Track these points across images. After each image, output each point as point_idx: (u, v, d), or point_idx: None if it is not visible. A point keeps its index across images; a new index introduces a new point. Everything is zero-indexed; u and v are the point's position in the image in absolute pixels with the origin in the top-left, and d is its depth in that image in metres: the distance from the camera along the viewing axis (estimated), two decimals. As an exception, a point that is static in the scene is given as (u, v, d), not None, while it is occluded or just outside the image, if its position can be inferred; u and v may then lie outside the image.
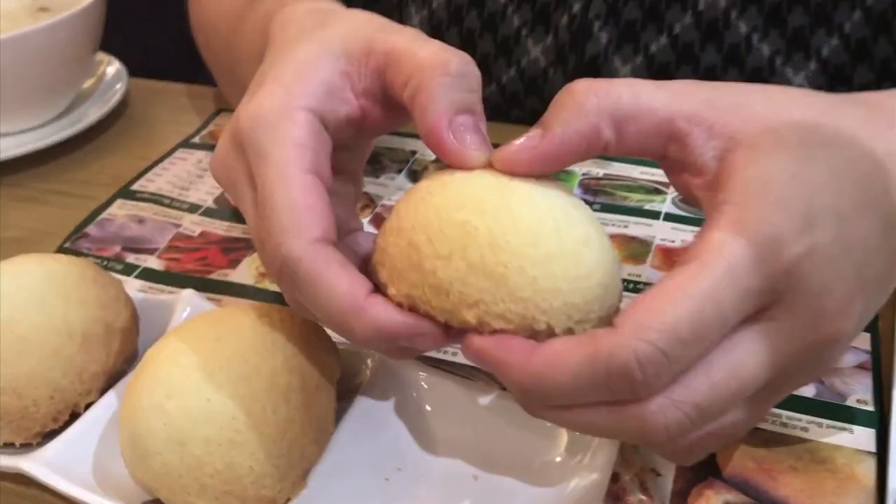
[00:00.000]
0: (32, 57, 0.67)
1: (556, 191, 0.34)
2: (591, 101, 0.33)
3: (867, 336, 0.46)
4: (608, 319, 0.34)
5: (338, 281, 0.33)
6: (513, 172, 0.34)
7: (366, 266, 0.36)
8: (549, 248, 0.32)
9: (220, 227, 0.61)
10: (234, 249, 0.58)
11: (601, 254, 0.34)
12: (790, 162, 0.32)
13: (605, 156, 0.49)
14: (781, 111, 0.34)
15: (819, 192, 0.32)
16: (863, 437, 0.41)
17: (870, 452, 0.40)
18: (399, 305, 0.34)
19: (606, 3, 0.65)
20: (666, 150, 0.34)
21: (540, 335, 0.32)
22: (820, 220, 0.31)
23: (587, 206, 0.36)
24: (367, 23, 0.39)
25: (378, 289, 0.34)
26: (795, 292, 0.31)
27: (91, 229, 0.62)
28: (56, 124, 0.74)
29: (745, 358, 0.31)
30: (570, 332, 0.33)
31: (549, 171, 0.35)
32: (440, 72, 0.35)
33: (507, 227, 0.32)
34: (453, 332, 0.34)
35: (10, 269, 0.44)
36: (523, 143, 0.34)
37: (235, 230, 0.60)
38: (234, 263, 0.57)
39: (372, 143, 0.44)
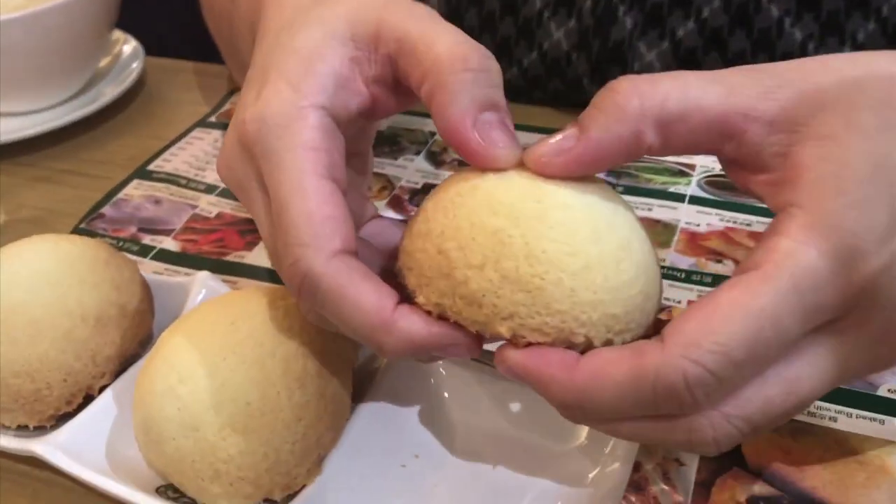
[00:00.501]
0: (48, 35, 0.67)
1: (593, 193, 0.32)
2: (633, 104, 0.30)
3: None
4: (648, 326, 0.32)
5: (364, 296, 0.31)
6: (545, 175, 0.32)
7: (391, 262, 0.35)
8: (588, 256, 0.30)
9: (237, 209, 0.60)
10: (250, 231, 0.58)
11: (643, 258, 0.32)
12: (870, 153, 0.29)
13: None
14: (854, 89, 0.30)
15: None
16: (894, 427, 0.40)
17: (901, 444, 0.39)
18: (428, 313, 0.32)
19: None
20: (721, 148, 0.32)
21: (577, 347, 0.31)
22: None
23: (628, 205, 0.34)
24: None
25: (404, 291, 0.33)
26: (870, 307, 0.29)
27: (107, 210, 0.61)
28: (72, 103, 0.74)
29: (804, 373, 0.29)
30: (609, 343, 0.31)
31: (585, 174, 0.32)
32: (460, 66, 0.32)
33: (542, 235, 0.30)
34: (486, 340, 0.32)
35: (25, 251, 0.44)
36: (557, 143, 0.31)
37: (252, 212, 0.60)
38: (250, 245, 0.56)
39: (379, 123, 0.42)
